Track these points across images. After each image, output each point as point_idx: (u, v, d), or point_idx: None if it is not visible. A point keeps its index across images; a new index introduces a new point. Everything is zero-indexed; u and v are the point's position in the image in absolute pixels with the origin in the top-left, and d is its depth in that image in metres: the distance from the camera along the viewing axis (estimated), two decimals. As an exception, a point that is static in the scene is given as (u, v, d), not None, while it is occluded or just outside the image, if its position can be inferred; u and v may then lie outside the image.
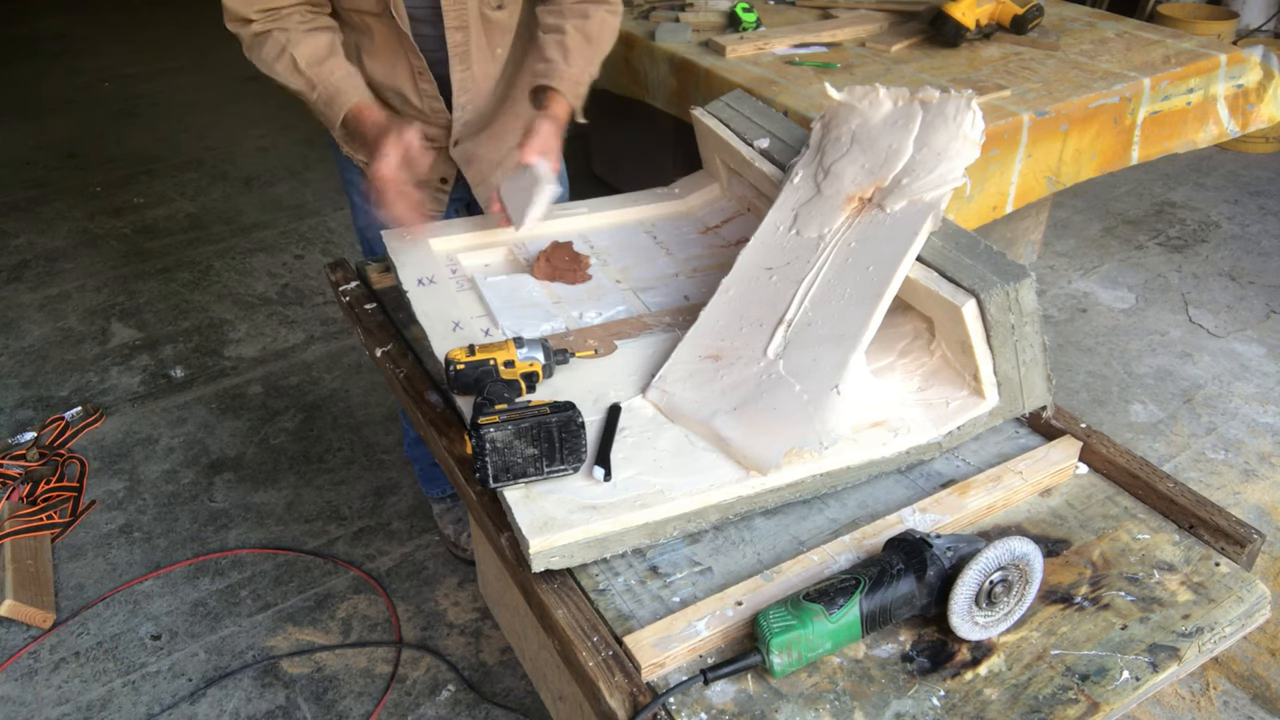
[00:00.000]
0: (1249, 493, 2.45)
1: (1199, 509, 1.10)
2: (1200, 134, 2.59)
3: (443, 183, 1.77)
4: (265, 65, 1.51)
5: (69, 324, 3.22)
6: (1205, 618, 1.00)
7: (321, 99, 1.51)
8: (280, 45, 1.48)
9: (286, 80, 1.50)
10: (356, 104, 1.50)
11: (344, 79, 1.51)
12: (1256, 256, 3.52)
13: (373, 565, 2.28)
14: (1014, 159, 2.25)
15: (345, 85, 1.50)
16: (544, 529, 1.01)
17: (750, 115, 1.59)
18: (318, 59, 1.49)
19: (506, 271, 1.52)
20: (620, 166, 3.26)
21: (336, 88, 1.50)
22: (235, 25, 1.51)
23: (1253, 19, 4.63)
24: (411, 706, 1.96)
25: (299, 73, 1.49)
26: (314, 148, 4.48)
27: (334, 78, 1.50)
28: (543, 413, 1.04)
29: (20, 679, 2.02)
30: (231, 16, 1.49)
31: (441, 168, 1.75)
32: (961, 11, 2.54)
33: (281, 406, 2.81)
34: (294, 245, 3.70)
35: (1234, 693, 1.97)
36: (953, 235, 1.18)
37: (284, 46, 1.48)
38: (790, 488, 1.10)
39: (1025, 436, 1.24)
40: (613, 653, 0.94)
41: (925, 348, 1.23)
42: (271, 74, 1.52)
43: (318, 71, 1.49)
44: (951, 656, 0.96)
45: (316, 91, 1.50)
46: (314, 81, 1.49)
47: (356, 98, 1.50)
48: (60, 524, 2.37)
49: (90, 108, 5.00)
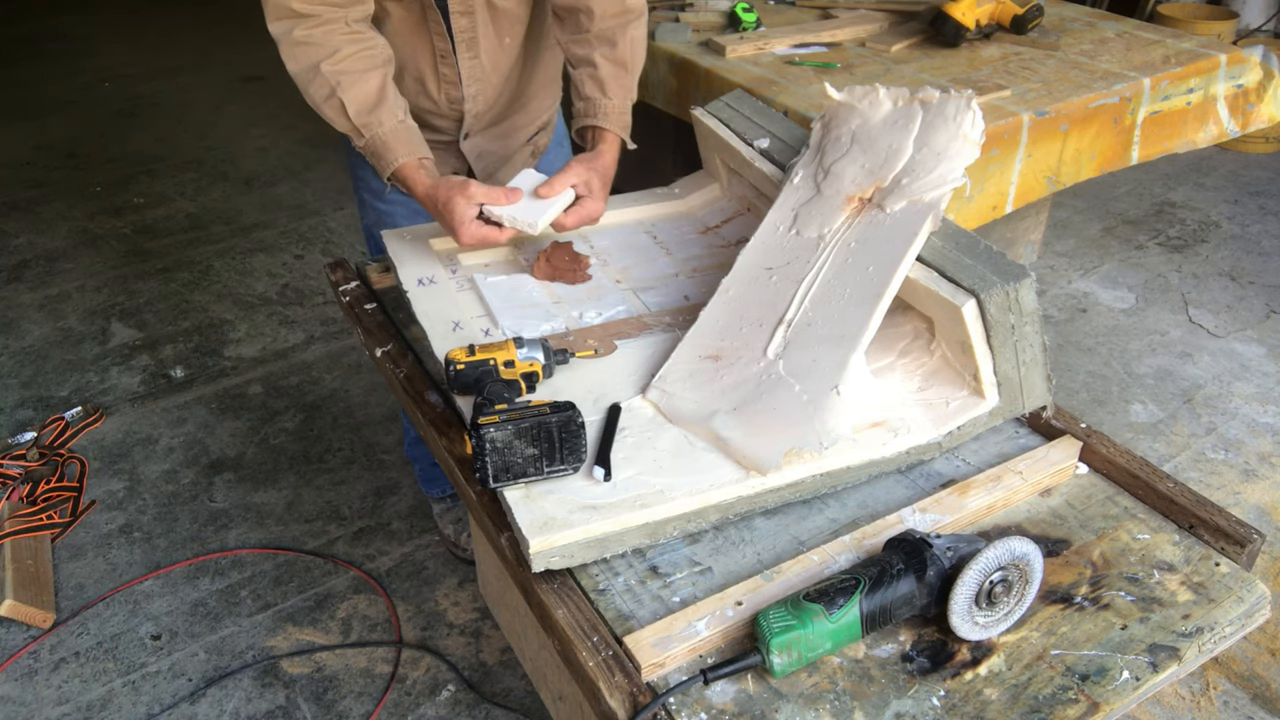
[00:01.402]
0: (1249, 493, 2.45)
1: (1199, 509, 1.10)
2: (1200, 134, 2.59)
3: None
4: (313, 102, 1.47)
5: (69, 324, 3.22)
6: (1205, 618, 1.00)
7: (369, 150, 1.47)
8: (330, 87, 1.43)
9: (332, 121, 1.47)
10: (405, 165, 1.46)
11: (392, 133, 1.46)
12: (1256, 256, 3.52)
13: (373, 565, 2.28)
14: (1014, 159, 2.25)
15: (393, 141, 1.46)
16: (544, 529, 1.01)
17: (750, 115, 1.59)
18: (367, 106, 1.45)
19: (506, 272, 1.52)
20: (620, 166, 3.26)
21: (385, 142, 1.46)
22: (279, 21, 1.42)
23: (1253, 19, 4.63)
24: (411, 706, 1.96)
25: (347, 118, 1.45)
26: (314, 148, 4.48)
27: (382, 130, 1.46)
28: (543, 413, 1.04)
29: (20, 679, 2.02)
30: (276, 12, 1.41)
31: (450, 162, 1.74)
32: (961, 11, 2.54)
33: (281, 406, 2.81)
34: (294, 245, 3.70)
35: (1234, 693, 1.97)
36: (953, 235, 1.18)
37: (333, 90, 1.43)
38: (790, 488, 1.10)
39: (1025, 436, 1.24)
40: (613, 653, 0.94)
41: (925, 348, 1.23)
42: (318, 110, 1.47)
43: (366, 121, 1.45)
44: (951, 656, 0.96)
45: (365, 141, 1.47)
46: (362, 131, 1.46)
47: (405, 159, 1.46)
48: (60, 524, 2.37)
49: (90, 108, 5.00)
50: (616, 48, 1.57)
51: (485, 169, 1.77)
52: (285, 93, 1.34)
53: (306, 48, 1.42)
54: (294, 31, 1.41)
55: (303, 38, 1.41)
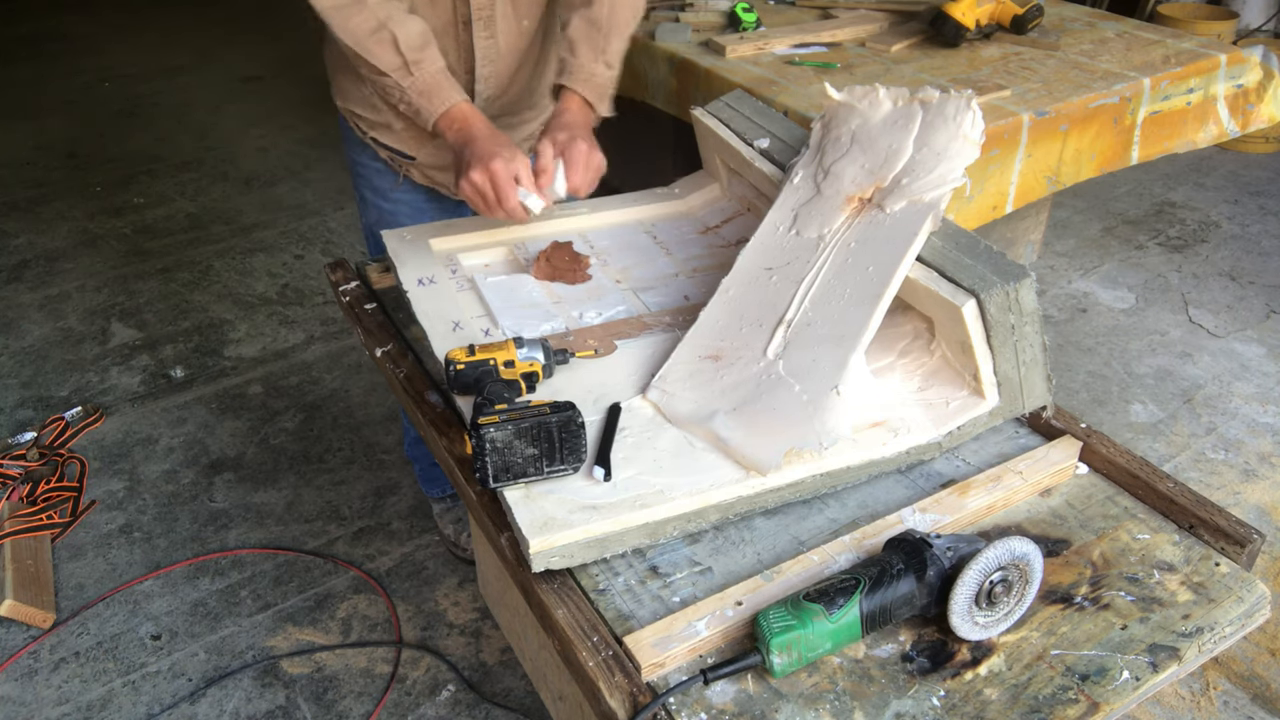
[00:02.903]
0: (1249, 493, 2.45)
1: (1199, 509, 1.10)
2: (1200, 134, 2.59)
3: None
4: (352, 37, 1.40)
5: (69, 324, 3.22)
6: (1205, 618, 1.00)
7: (417, 89, 1.42)
8: (379, 19, 1.38)
9: (377, 58, 1.40)
10: (463, 105, 1.42)
11: (443, 74, 1.42)
12: (1256, 256, 3.52)
13: (373, 565, 2.28)
14: (1014, 159, 2.25)
15: (446, 81, 1.42)
16: (544, 529, 1.01)
17: (750, 115, 1.59)
18: (419, 44, 1.40)
19: (506, 271, 1.52)
20: (620, 166, 3.26)
21: (437, 81, 1.42)
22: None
23: (1253, 19, 4.63)
24: (411, 706, 1.96)
25: (398, 52, 1.39)
26: (314, 148, 4.48)
27: (434, 67, 1.42)
28: (543, 413, 1.04)
29: (20, 679, 2.02)
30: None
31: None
32: (961, 11, 2.54)
33: (281, 406, 2.81)
34: (294, 245, 3.70)
35: (1234, 693, 1.97)
36: (953, 235, 1.18)
37: (383, 22, 1.38)
38: (790, 488, 1.10)
39: (1025, 436, 1.24)
40: (613, 653, 0.94)
41: (925, 348, 1.23)
42: (357, 47, 1.40)
43: (418, 57, 1.40)
44: (951, 656, 0.96)
45: (413, 79, 1.41)
46: (413, 67, 1.40)
47: (461, 97, 1.42)
48: (60, 524, 2.37)
49: (90, 108, 5.00)
50: (592, 6, 1.52)
51: None
52: (285, 93, 1.34)
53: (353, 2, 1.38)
54: None
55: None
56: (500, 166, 1.35)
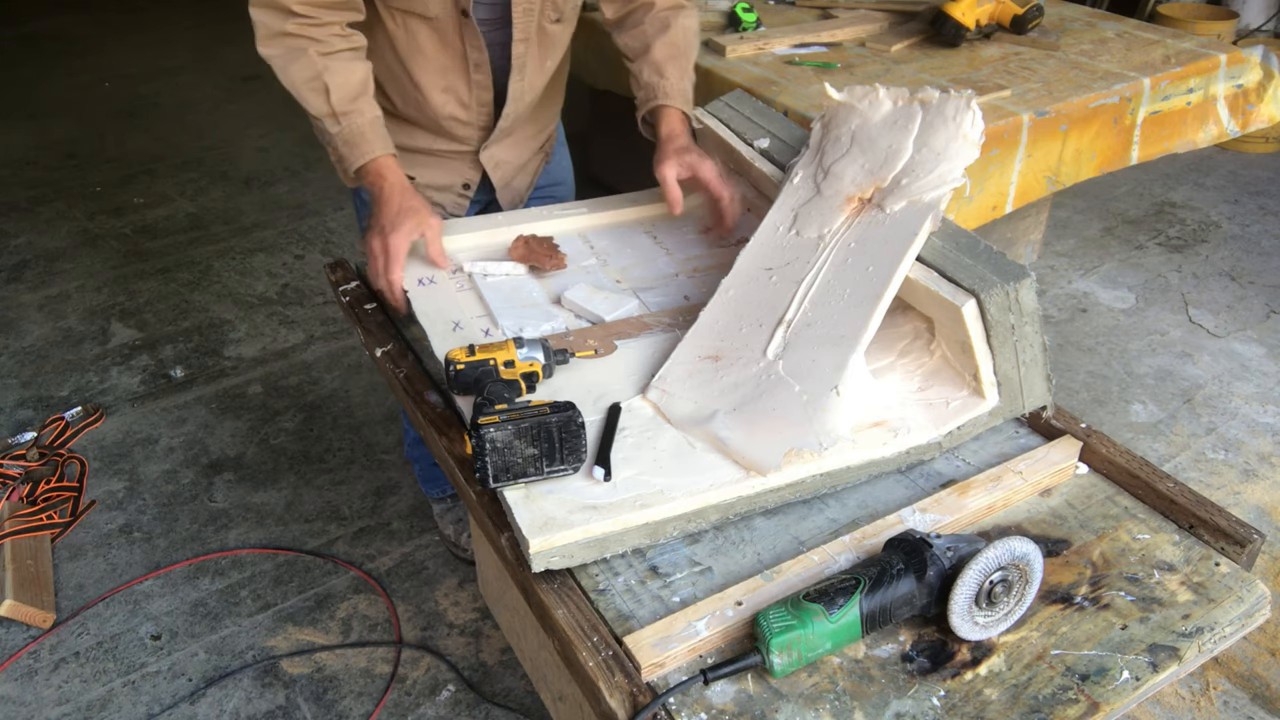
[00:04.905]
0: (1249, 493, 2.45)
1: (1199, 509, 1.10)
2: (1200, 134, 2.59)
3: (465, 188, 1.76)
4: (289, 82, 1.45)
5: (69, 324, 3.22)
6: (1205, 618, 1.00)
7: (343, 138, 1.46)
8: (315, 70, 1.42)
9: (309, 105, 1.45)
10: (383, 159, 1.46)
11: (370, 125, 1.46)
12: (1256, 256, 3.52)
13: (373, 565, 2.28)
14: (1014, 159, 2.25)
15: (371, 133, 1.46)
16: (544, 529, 1.01)
17: (750, 115, 1.59)
18: (351, 95, 1.44)
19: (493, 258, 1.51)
20: (620, 166, 3.26)
21: (361, 133, 1.45)
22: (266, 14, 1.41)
23: (1253, 19, 4.63)
24: (411, 706, 1.96)
25: (327, 103, 1.44)
26: (314, 147, 4.47)
27: (363, 120, 1.46)
28: (543, 413, 1.04)
29: (20, 679, 2.02)
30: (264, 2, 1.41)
31: (466, 172, 1.74)
32: (961, 11, 2.54)
33: (281, 406, 2.81)
34: (294, 245, 3.70)
35: (1234, 693, 1.97)
36: (953, 235, 1.18)
37: (319, 73, 1.42)
38: (790, 488, 1.10)
39: (1025, 436, 1.24)
40: (613, 653, 0.94)
41: (925, 348, 1.23)
42: (292, 91, 1.46)
43: (348, 109, 1.44)
44: (951, 656, 0.96)
45: (340, 129, 1.45)
46: (340, 118, 1.44)
47: (382, 151, 1.46)
48: (60, 524, 2.37)
49: (90, 108, 4.99)
50: (669, 31, 1.63)
51: (502, 177, 1.77)
52: (285, 93, 1.32)
53: (296, 38, 1.42)
54: (286, 24, 1.41)
55: (295, 29, 1.42)
56: (397, 241, 1.39)
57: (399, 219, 1.41)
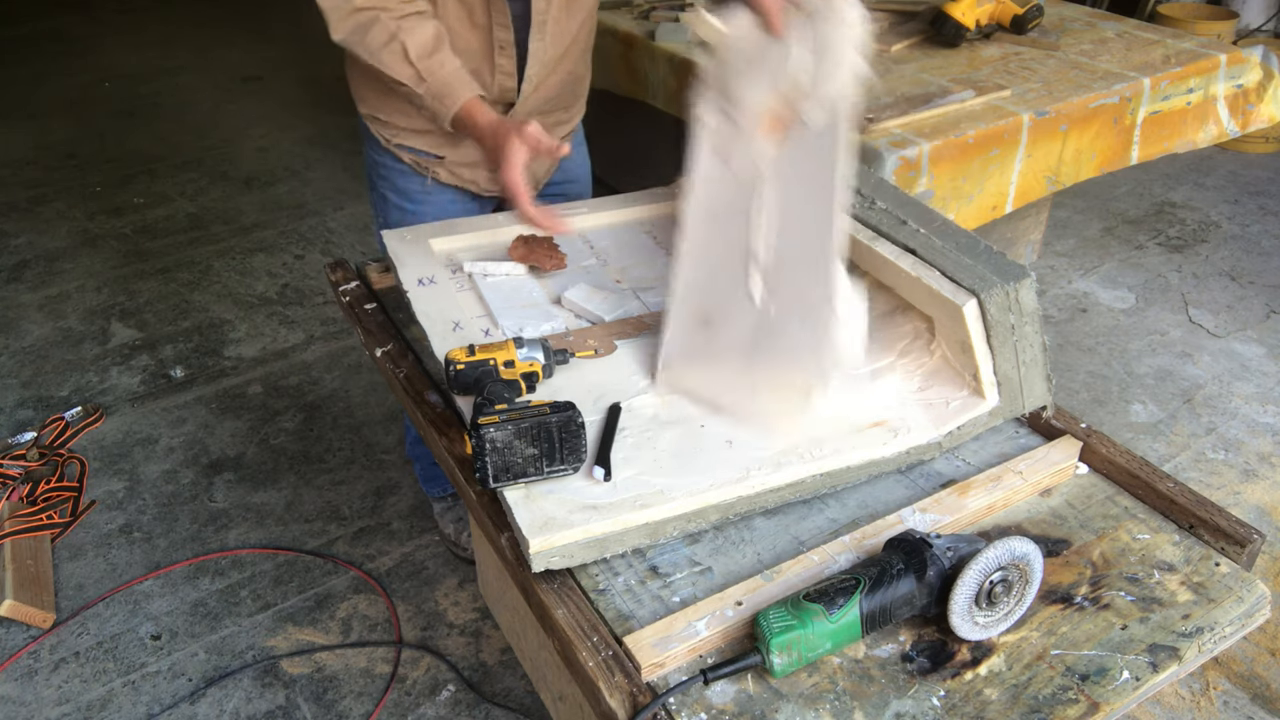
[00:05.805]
0: (1249, 493, 2.45)
1: (1199, 509, 1.10)
2: (1200, 134, 2.59)
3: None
4: (368, 51, 1.47)
5: (69, 324, 3.22)
6: (1205, 618, 1.00)
7: (431, 93, 1.48)
8: (390, 32, 1.45)
9: (392, 69, 1.47)
10: (469, 101, 1.47)
11: (454, 74, 1.48)
12: (1256, 256, 3.52)
13: (373, 565, 2.28)
14: (1014, 159, 2.25)
15: (455, 81, 1.48)
16: (544, 529, 1.01)
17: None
18: (427, 50, 1.46)
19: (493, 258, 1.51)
20: (620, 166, 3.26)
21: (447, 83, 1.47)
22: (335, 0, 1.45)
23: (1253, 19, 4.63)
24: (411, 706, 1.96)
25: (409, 63, 1.46)
26: (314, 147, 4.48)
27: (444, 71, 1.47)
28: (543, 413, 1.04)
29: (20, 679, 2.02)
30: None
31: None
32: (961, 11, 2.54)
33: (281, 406, 2.81)
34: (294, 245, 3.70)
35: (1234, 693, 1.97)
36: (953, 235, 1.18)
37: (394, 34, 1.44)
38: (790, 488, 1.10)
39: (1025, 436, 1.24)
40: (613, 653, 0.94)
41: (925, 348, 1.23)
42: (374, 61, 1.48)
43: (428, 64, 1.46)
44: (951, 656, 0.96)
45: (426, 85, 1.47)
46: (424, 75, 1.46)
47: (468, 94, 1.48)
48: (60, 524, 2.37)
49: (90, 108, 4.99)
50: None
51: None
52: (285, 93, 1.33)
53: (366, 11, 1.45)
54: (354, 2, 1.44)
55: (363, 3, 1.45)
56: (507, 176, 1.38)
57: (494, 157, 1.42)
